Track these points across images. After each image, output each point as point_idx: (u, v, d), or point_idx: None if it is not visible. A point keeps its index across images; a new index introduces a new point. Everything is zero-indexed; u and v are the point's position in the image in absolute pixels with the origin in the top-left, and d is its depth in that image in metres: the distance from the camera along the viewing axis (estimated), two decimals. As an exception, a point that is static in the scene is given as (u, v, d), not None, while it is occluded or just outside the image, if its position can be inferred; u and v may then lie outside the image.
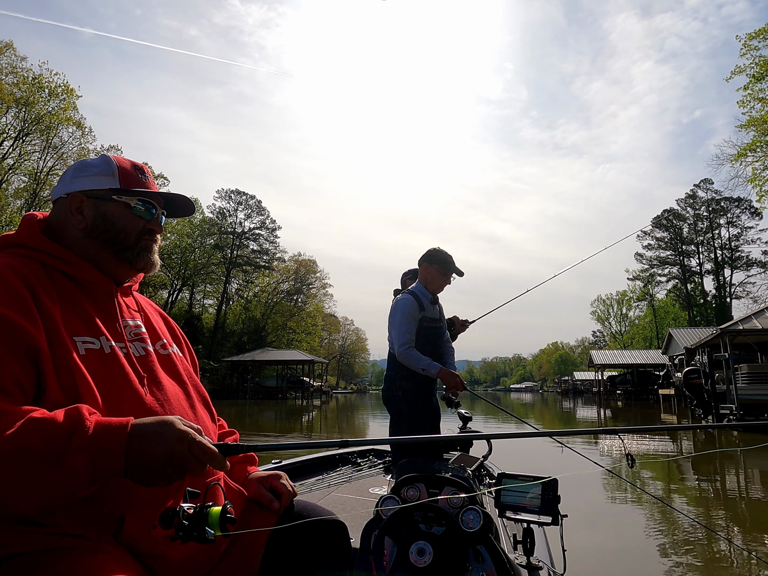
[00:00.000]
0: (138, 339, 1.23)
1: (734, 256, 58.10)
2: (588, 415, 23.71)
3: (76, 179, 1.24)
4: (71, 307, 1.12)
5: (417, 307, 3.13)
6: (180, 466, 0.94)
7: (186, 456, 0.93)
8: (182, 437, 0.93)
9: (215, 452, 0.97)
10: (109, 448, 0.89)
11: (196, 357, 1.51)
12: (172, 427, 0.94)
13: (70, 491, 0.89)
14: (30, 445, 0.85)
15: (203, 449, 0.95)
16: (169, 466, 0.92)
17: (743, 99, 25.76)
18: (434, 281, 3.25)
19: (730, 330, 16.39)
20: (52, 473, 0.85)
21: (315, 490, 3.40)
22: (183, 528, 0.92)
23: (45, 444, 0.85)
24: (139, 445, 0.91)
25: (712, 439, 13.23)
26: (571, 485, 6.35)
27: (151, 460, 0.91)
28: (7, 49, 30.11)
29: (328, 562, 1.29)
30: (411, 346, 3.05)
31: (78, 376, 1.02)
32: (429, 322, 3.17)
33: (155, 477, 0.93)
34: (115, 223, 1.23)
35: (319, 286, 63.82)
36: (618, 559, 3.98)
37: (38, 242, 1.16)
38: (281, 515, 1.29)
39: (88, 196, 1.23)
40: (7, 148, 31.24)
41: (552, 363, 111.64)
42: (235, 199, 57.79)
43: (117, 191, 1.24)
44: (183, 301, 53.13)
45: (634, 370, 42.38)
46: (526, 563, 1.96)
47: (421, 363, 3.02)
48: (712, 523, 5.06)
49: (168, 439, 0.92)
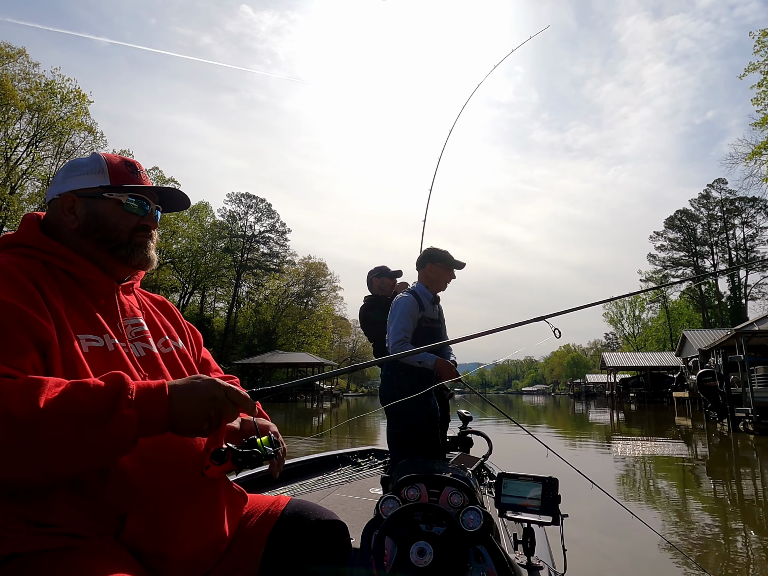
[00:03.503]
0: (139, 338, 1.23)
1: (749, 257, 57.42)
2: (600, 418, 23.51)
3: (68, 179, 1.24)
4: (74, 304, 1.13)
5: (417, 307, 3.12)
6: (218, 411, 0.99)
7: (223, 399, 0.99)
8: (217, 383, 1.00)
9: (247, 396, 1.04)
10: (155, 400, 0.94)
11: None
12: (205, 378, 1.01)
13: (118, 447, 0.92)
14: (80, 402, 0.88)
15: (237, 392, 1.01)
16: (211, 408, 0.98)
17: (757, 96, 25.47)
18: (440, 279, 3.26)
19: (745, 331, 16.17)
20: (104, 427, 0.88)
21: (315, 490, 3.39)
22: (240, 455, 1.04)
23: (95, 400, 0.89)
24: (181, 394, 0.96)
25: (727, 442, 13.03)
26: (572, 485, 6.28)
27: (194, 405, 0.97)
28: (20, 56, 30.73)
29: (329, 561, 1.28)
30: (406, 342, 3.03)
31: (82, 373, 1.02)
32: (428, 322, 3.17)
33: (200, 421, 0.97)
34: (107, 221, 1.22)
35: (329, 288, 64.13)
36: (619, 561, 3.96)
37: (39, 241, 1.17)
38: (280, 516, 1.29)
39: (79, 196, 1.22)
40: (21, 153, 31.79)
41: (564, 366, 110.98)
42: (245, 203, 58.33)
43: (107, 188, 1.23)
44: (194, 305, 53.67)
45: (647, 373, 42.02)
46: (526, 563, 1.97)
47: (417, 356, 3.00)
48: (716, 524, 4.95)
49: (205, 385, 0.99)
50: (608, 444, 12.38)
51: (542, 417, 24.40)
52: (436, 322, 3.25)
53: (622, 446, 11.84)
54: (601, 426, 18.74)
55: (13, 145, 31.05)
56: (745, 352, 16.11)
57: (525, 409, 34.82)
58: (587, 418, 24.02)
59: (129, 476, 1.03)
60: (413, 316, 3.09)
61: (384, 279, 4.11)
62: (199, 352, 1.47)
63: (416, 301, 3.14)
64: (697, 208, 61.53)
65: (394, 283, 4.13)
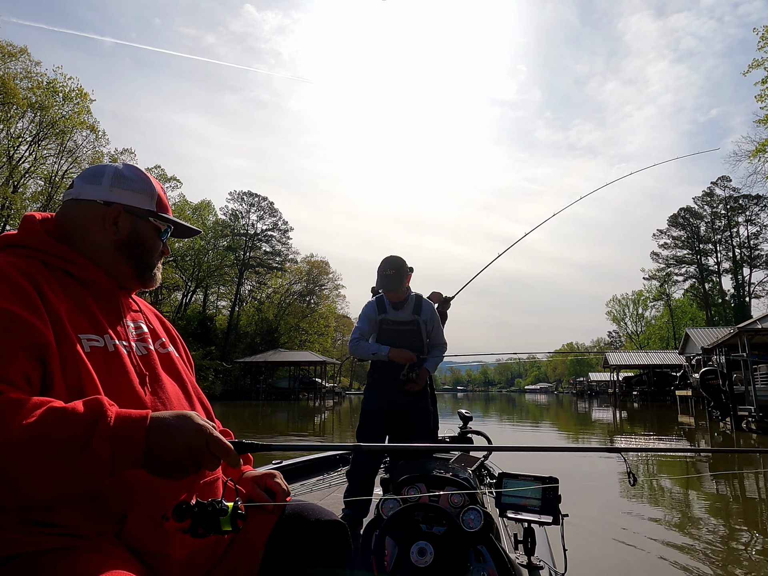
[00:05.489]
0: (141, 339, 1.24)
1: (753, 255, 57.27)
2: (603, 416, 23.47)
3: (115, 189, 1.26)
4: (76, 304, 1.12)
5: (375, 309, 3.32)
6: (196, 460, 0.95)
7: (203, 450, 0.95)
8: (200, 431, 0.95)
9: (231, 449, 0.99)
10: (131, 438, 0.90)
11: (210, 358, 1.55)
12: (191, 420, 0.96)
13: (91, 481, 0.89)
14: (53, 432, 0.85)
15: (220, 445, 0.96)
16: (187, 458, 0.94)
17: (761, 93, 25.35)
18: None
19: (748, 329, 16.11)
20: (75, 461, 0.86)
21: (315, 490, 3.39)
22: (199, 519, 0.96)
23: (68, 431, 0.86)
24: (159, 436, 0.92)
25: (729, 441, 12.99)
26: (574, 486, 6.27)
27: (170, 451, 0.92)
28: (22, 55, 30.68)
29: (329, 562, 1.27)
30: (360, 340, 3.24)
31: (84, 373, 1.02)
32: (390, 324, 3.28)
33: (173, 468, 0.93)
34: (145, 242, 1.28)
35: (331, 287, 64.11)
36: (620, 561, 3.96)
37: (40, 242, 1.16)
38: (280, 516, 1.28)
39: (126, 211, 1.25)
40: (23, 152, 31.85)
41: (567, 364, 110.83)
42: (247, 201, 58.29)
43: (154, 214, 1.30)
44: (197, 303, 53.73)
45: (650, 371, 41.89)
46: (527, 563, 1.97)
47: (370, 349, 3.19)
48: (721, 525, 4.94)
49: (187, 431, 0.94)
50: (610, 442, 12.36)
51: (545, 415, 24.39)
52: (403, 324, 3.31)
53: (625, 445, 11.81)
54: (604, 424, 18.72)
55: (15, 143, 31.07)
56: (748, 350, 16.03)
57: (528, 407, 34.81)
58: (590, 416, 24.00)
59: (129, 476, 1.02)
60: (370, 318, 3.30)
61: None
62: (192, 374, 1.46)
63: (375, 304, 3.33)
64: (701, 206, 61.31)
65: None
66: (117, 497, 1.01)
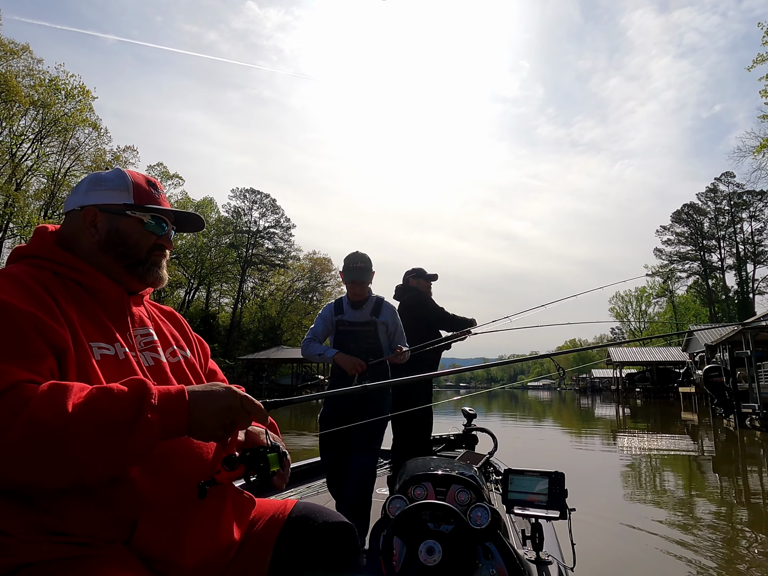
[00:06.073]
0: (148, 348, 1.25)
1: (757, 251, 57.07)
2: (606, 413, 23.45)
3: (91, 192, 1.26)
4: (86, 313, 1.14)
5: (332, 311, 3.25)
6: (232, 420, 1.03)
7: (238, 408, 1.03)
8: (234, 392, 1.05)
9: (261, 406, 1.08)
10: (175, 408, 0.97)
11: (212, 355, 1.61)
12: (222, 385, 1.05)
13: (143, 450, 0.93)
14: (106, 407, 0.90)
15: (252, 402, 1.06)
16: (227, 416, 1.02)
17: (765, 88, 25.17)
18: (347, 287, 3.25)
19: (752, 326, 16.04)
20: (128, 434, 0.90)
21: (322, 492, 3.39)
22: (250, 465, 1.08)
23: (119, 405, 0.91)
24: (198, 401, 1.00)
25: (733, 438, 12.97)
26: (581, 480, 6.27)
27: (211, 413, 1.00)
28: (24, 52, 30.65)
29: (337, 564, 1.27)
30: (312, 341, 3.18)
31: (95, 380, 1.03)
32: (346, 325, 3.19)
33: (216, 428, 1.01)
34: (128, 238, 1.25)
35: (334, 284, 64.05)
36: (627, 554, 3.97)
37: (51, 252, 1.18)
38: (287, 519, 1.28)
39: (102, 210, 1.24)
40: (26, 150, 31.87)
41: (570, 360, 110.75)
42: (249, 198, 58.30)
43: (131, 207, 1.26)
44: (199, 300, 53.82)
45: (653, 368, 41.81)
46: (535, 558, 1.97)
47: (318, 350, 3.12)
48: (723, 521, 4.93)
49: (224, 394, 1.03)
50: (613, 439, 12.36)
51: (548, 411, 24.38)
52: (360, 324, 3.18)
53: (628, 441, 11.81)
54: (607, 421, 18.71)
55: (18, 141, 31.09)
56: (752, 347, 15.99)
57: (531, 403, 34.80)
58: (593, 413, 23.98)
59: (139, 483, 1.03)
60: (326, 319, 3.24)
61: (420, 280, 4.40)
62: (206, 362, 1.48)
63: (334, 306, 3.26)
64: (705, 202, 61.09)
65: (429, 285, 4.43)
66: (128, 504, 1.02)
